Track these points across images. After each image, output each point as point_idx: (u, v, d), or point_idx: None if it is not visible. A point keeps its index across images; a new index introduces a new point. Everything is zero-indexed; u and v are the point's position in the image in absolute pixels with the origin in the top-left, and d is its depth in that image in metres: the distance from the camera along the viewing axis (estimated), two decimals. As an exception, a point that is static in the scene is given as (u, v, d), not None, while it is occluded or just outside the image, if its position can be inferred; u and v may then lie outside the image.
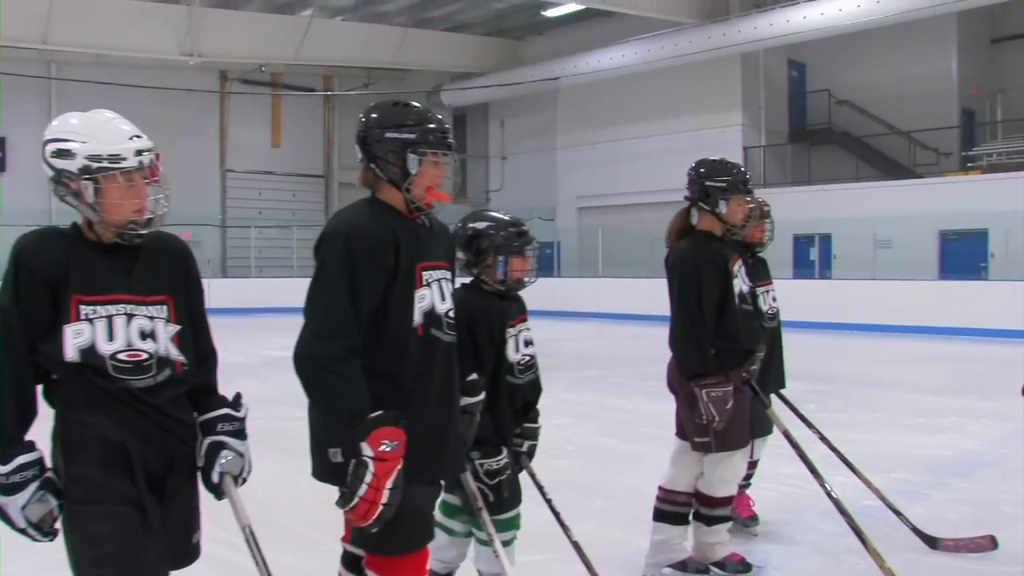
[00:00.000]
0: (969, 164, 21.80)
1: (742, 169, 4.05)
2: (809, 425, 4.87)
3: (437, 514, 3.43)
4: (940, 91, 23.34)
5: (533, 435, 3.52)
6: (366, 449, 2.44)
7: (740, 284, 4.01)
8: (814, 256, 21.82)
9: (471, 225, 3.41)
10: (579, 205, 27.34)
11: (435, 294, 2.70)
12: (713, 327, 3.89)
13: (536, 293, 4.30)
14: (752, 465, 4.80)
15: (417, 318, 2.64)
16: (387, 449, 2.45)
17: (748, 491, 4.86)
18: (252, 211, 28.58)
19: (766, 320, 4.69)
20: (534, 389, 3.47)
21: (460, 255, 3.34)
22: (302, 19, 25.56)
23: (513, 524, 3.41)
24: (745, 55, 23.43)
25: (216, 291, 12.25)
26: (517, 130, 30.08)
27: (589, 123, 26.89)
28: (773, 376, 4.76)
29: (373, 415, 2.48)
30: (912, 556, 4.41)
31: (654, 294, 19.10)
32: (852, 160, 23.19)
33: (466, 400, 2.94)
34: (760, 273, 4.78)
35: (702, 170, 4.03)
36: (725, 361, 3.90)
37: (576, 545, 3.59)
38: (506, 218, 3.42)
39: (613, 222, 25.53)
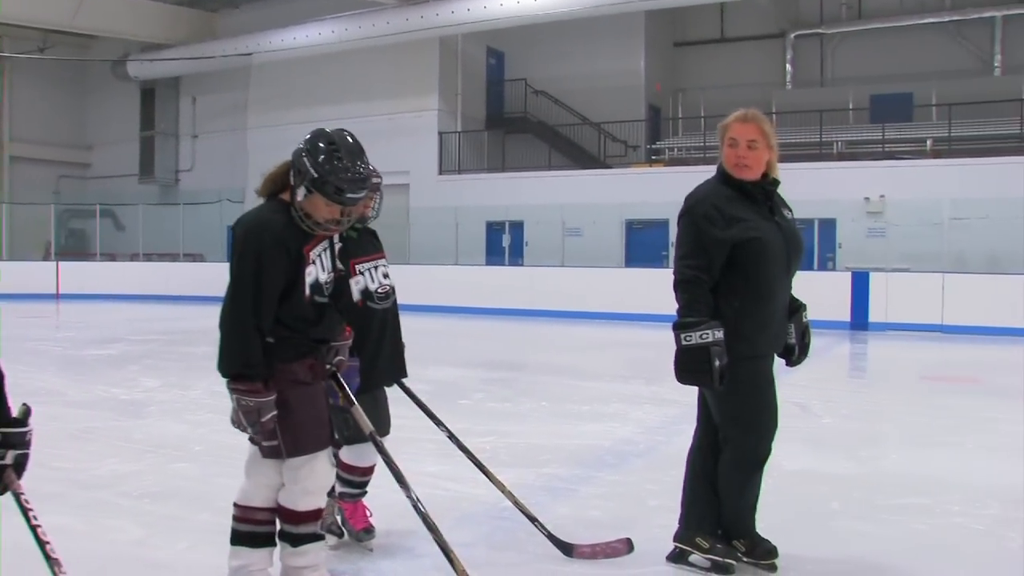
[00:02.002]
0: (653, 157, 22.71)
1: (353, 175, 3.15)
2: (436, 421, 4.29)
3: None
4: (629, 87, 24.34)
5: (20, 442, 2.63)
6: None
7: (317, 272, 3.25)
8: (506, 243, 21.88)
9: None
10: (273, 188, 26.03)
11: None
12: (272, 321, 3.15)
13: (218, 279, 3.58)
14: (369, 470, 4.13)
15: None
16: None
17: (365, 499, 4.19)
18: None
19: (376, 300, 4.02)
20: None
21: None
22: (-44, -37, 22.58)
23: None
24: (444, 40, 23.28)
25: None
26: (210, 108, 28.34)
27: (284, 103, 25.67)
28: (388, 365, 4.10)
29: None
30: (545, 567, 3.91)
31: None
32: (546, 149, 23.52)
33: None
34: (368, 247, 4.10)
35: (311, 140, 3.20)
36: (286, 351, 3.18)
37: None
38: None
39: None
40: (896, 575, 3.92)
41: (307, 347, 3.25)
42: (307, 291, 3.19)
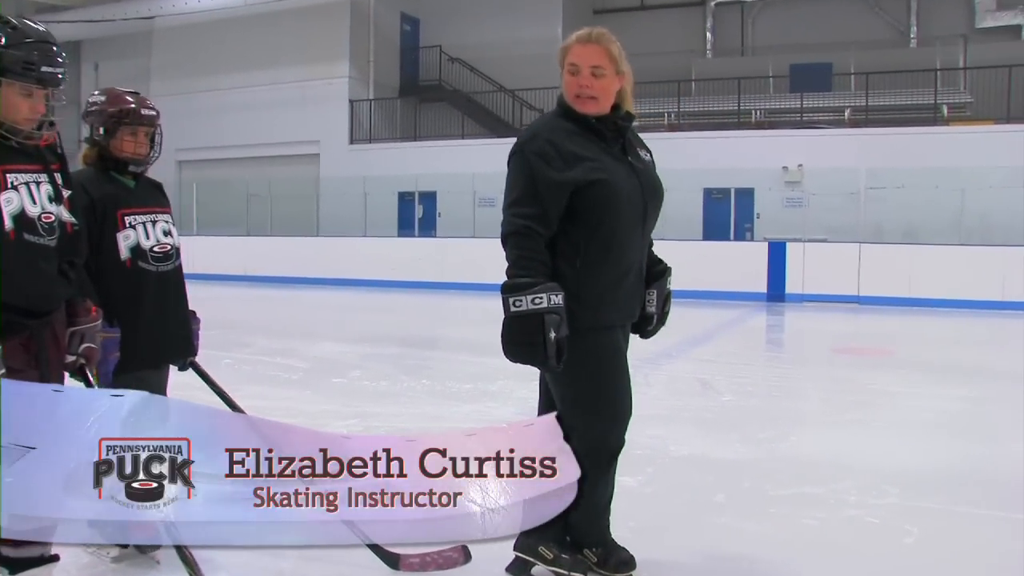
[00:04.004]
0: (570, 125, 22.17)
1: (41, 44, 2.58)
2: (231, 405, 3.61)
3: None
4: (547, 55, 23.58)
5: None
6: None
7: (23, 202, 2.55)
8: (419, 214, 21.16)
9: None
10: (179, 159, 24.99)
11: None
12: None
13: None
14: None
15: None
16: None
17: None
18: None
19: (150, 260, 3.33)
20: None
21: None
22: None
23: None
24: (355, 5, 22.52)
25: None
26: (113, 74, 26.81)
27: (188, 70, 24.58)
28: (168, 341, 3.42)
29: None
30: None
31: (249, 254, 17.56)
32: (460, 117, 22.83)
33: None
34: (146, 197, 3.42)
35: None
36: None
37: None
38: None
39: (215, 177, 23.62)
40: (773, 584, 3.38)
41: (17, 322, 2.55)
42: (7, 222, 2.50)
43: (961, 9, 22.07)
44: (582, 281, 2.96)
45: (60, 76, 2.59)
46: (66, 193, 2.72)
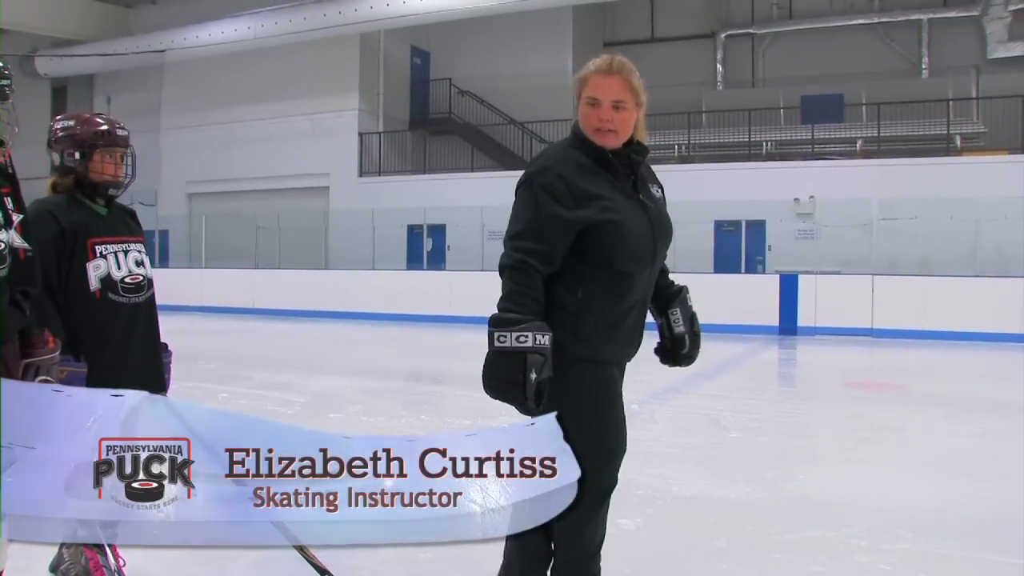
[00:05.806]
0: (580, 157, 22.13)
1: None
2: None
3: None
4: (557, 87, 23.59)
5: None
6: None
7: None
8: (428, 247, 21.06)
9: None
10: (190, 191, 25.07)
11: None
12: None
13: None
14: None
15: None
16: None
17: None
18: None
19: (120, 292, 3.18)
20: None
21: None
22: None
23: None
24: (365, 38, 22.52)
25: None
26: (126, 107, 27.04)
27: (199, 103, 24.71)
28: (138, 375, 3.25)
29: None
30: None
31: (258, 287, 17.50)
32: (470, 150, 22.82)
33: None
34: (118, 226, 3.29)
35: None
36: None
37: None
38: None
39: (224, 209, 23.62)
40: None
41: None
42: None
43: (973, 40, 21.95)
44: (581, 313, 2.79)
45: (6, 88, 2.43)
46: (17, 217, 2.55)
